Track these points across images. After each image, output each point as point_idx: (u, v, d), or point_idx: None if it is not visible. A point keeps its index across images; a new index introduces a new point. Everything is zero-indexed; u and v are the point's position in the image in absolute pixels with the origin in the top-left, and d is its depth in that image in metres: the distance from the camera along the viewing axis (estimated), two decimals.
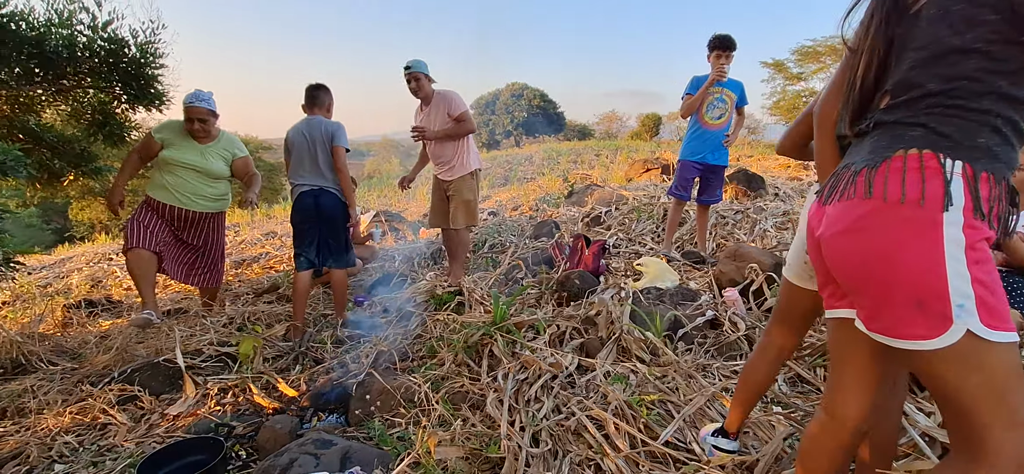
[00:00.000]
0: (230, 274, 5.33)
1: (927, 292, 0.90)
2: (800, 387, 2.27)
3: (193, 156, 3.46)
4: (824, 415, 1.23)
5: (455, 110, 3.86)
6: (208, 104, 3.45)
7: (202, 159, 3.48)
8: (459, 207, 3.95)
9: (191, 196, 3.49)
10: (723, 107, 3.88)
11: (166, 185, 3.44)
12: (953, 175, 0.90)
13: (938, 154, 0.92)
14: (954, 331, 0.89)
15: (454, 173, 3.96)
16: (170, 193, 3.44)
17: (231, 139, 3.69)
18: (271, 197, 14.42)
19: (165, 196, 3.44)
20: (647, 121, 27.55)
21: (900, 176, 0.94)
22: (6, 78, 3.91)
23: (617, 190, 7.08)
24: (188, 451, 2.03)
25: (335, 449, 1.84)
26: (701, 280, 3.56)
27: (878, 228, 0.95)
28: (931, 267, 0.89)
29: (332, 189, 3.35)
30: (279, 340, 3.21)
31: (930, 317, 0.90)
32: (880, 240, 0.94)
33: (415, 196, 11.99)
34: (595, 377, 2.28)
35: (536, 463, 1.79)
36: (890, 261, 0.93)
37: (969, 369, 0.89)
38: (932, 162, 0.92)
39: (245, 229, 8.48)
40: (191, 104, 3.38)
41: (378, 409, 2.27)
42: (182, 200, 3.47)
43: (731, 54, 3.77)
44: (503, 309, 2.77)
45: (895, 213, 0.93)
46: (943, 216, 0.89)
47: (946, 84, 0.94)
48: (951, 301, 0.88)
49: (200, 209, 3.55)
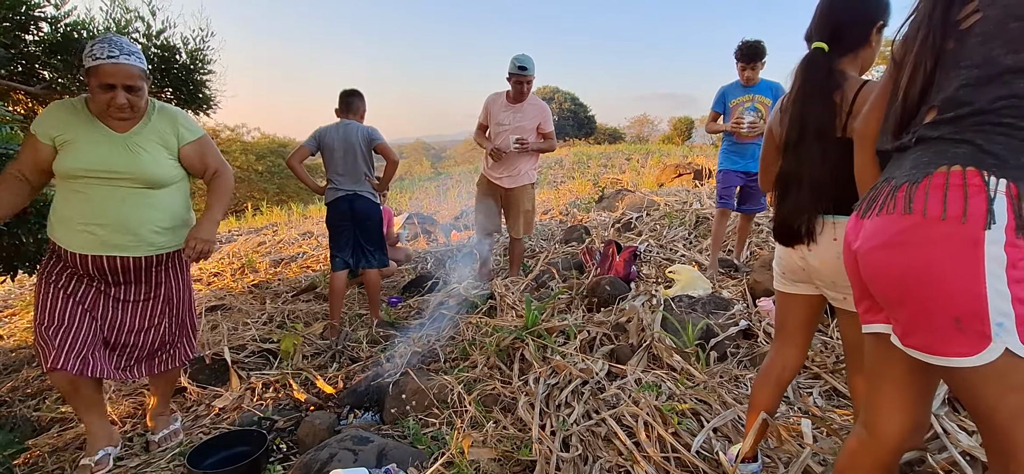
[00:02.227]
0: (270, 273, 5.52)
1: (966, 309, 0.89)
2: (836, 400, 2.23)
3: (113, 155, 1.91)
4: (863, 432, 1.21)
5: (548, 126, 3.92)
6: (138, 59, 1.91)
7: (130, 157, 1.93)
8: (520, 217, 4.04)
9: (124, 232, 1.93)
10: (756, 115, 3.70)
11: (76, 218, 1.91)
12: (997, 193, 0.89)
13: (982, 172, 0.90)
14: (992, 349, 0.88)
15: (516, 182, 3.98)
16: (86, 233, 1.91)
17: (170, 113, 2.09)
18: (307, 197, 14.81)
19: (79, 240, 1.91)
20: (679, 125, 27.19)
21: (942, 192, 0.92)
22: (67, 84, 4.16)
23: (648, 195, 7.03)
24: (234, 442, 2.14)
25: (372, 446, 1.91)
26: (734, 289, 3.52)
27: (917, 244, 0.94)
28: (971, 285, 0.88)
29: (367, 194, 3.45)
30: (317, 338, 3.32)
31: (968, 335, 0.90)
32: (919, 256, 0.94)
33: (446, 198, 12.14)
34: (626, 383, 2.29)
35: (566, 467, 1.82)
36: (928, 277, 0.93)
37: (1007, 388, 0.89)
38: (975, 179, 0.90)
39: (283, 228, 8.75)
40: (105, 60, 1.80)
41: (412, 408, 2.34)
42: (110, 241, 1.92)
43: (758, 64, 3.63)
44: (534, 314, 2.80)
45: (935, 229, 0.92)
46: (985, 234, 0.88)
47: (997, 103, 0.92)
48: (990, 319, 0.88)
49: (145, 252, 1.99)
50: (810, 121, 1.43)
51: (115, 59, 1.81)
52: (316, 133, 3.44)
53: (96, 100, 1.87)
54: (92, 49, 1.81)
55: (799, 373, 2.46)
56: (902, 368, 1.11)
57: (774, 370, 1.66)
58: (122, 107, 1.88)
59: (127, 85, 1.87)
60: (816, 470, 1.74)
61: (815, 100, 1.42)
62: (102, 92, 1.84)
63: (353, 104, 3.54)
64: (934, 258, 0.92)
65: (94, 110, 1.92)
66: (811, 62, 1.46)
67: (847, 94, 1.41)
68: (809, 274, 1.52)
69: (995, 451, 0.95)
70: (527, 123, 3.89)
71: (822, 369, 2.43)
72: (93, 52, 1.80)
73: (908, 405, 1.14)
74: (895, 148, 1.10)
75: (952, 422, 1.81)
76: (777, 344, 1.68)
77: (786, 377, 1.66)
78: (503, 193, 4.04)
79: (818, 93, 1.42)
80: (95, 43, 1.81)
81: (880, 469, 1.20)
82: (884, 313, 1.10)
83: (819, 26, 1.48)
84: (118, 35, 1.96)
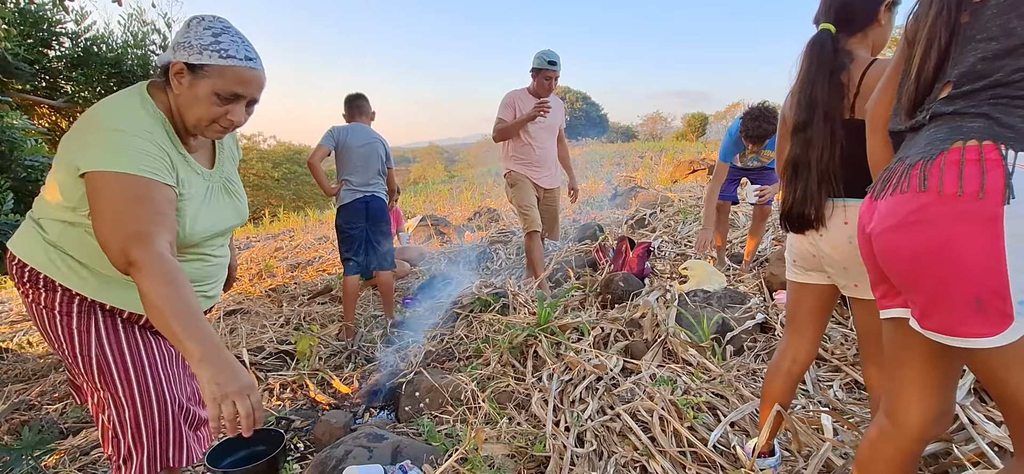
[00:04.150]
0: (287, 277, 5.59)
1: (986, 288, 0.86)
2: (857, 393, 2.19)
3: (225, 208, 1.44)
4: (885, 421, 1.18)
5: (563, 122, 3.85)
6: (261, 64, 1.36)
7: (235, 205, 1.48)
8: (556, 221, 3.98)
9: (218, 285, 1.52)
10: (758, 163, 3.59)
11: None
12: (1015, 167, 0.85)
13: (1000, 145, 0.87)
14: (1015, 329, 0.85)
15: (555, 182, 3.89)
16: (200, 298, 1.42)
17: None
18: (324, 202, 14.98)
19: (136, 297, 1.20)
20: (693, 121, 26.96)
21: (958, 168, 0.89)
22: (90, 97, 4.27)
23: (662, 192, 6.97)
24: (252, 441, 2.16)
25: (386, 443, 1.92)
26: (751, 282, 3.47)
27: (933, 222, 0.91)
28: (991, 262, 0.86)
29: (380, 195, 3.50)
30: (333, 339, 3.35)
31: (989, 314, 0.86)
32: (935, 234, 0.91)
33: (459, 200, 12.19)
34: (640, 379, 2.27)
35: (581, 463, 1.81)
36: (946, 256, 0.90)
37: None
38: (993, 153, 0.87)
39: (299, 234, 8.86)
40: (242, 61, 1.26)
41: (427, 406, 2.35)
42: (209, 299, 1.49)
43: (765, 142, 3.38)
44: (547, 311, 2.80)
45: (952, 206, 0.89)
46: (1004, 209, 0.85)
47: (1014, 74, 0.89)
48: (1012, 298, 0.85)
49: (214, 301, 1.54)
50: (817, 103, 1.40)
51: (253, 63, 1.28)
52: (333, 131, 3.44)
53: (198, 111, 1.25)
54: (218, 41, 1.23)
55: (816, 365, 2.41)
56: (923, 353, 1.08)
57: (784, 363, 1.64)
58: (230, 127, 1.33)
59: (255, 99, 1.34)
60: (837, 464, 1.71)
61: (822, 81, 1.40)
62: (219, 104, 1.26)
63: (363, 107, 3.57)
64: (951, 236, 0.89)
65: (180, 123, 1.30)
66: (818, 43, 1.43)
67: (854, 74, 1.38)
68: (820, 261, 1.49)
69: (1020, 437, 0.92)
70: (556, 120, 3.78)
71: (842, 362, 2.38)
72: (221, 46, 1.23)
73: (931, 392, 1.10)
74: (909, 127, 1.07)
75: (979, 412, 1.76)
76: (788, 336, 1.66)
77: (797, 370, 1.63)
78: (542, 193, 3.85)
79: (825, 74, 1.40)
80: (218, 32, 1.24)
81: (903, 459, 1.16)
82: (902, 297, 1.07)
83: (826, 7, 1.45)
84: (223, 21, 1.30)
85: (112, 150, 1.15)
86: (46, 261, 1.25)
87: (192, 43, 1.22)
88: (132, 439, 1.29)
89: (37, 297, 1.27)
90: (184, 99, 1.25)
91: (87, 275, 1.27)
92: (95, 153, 1.15)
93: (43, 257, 1.25)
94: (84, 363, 1.27)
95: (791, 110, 1.51)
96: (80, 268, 1.26)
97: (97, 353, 1.27)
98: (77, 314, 1.27)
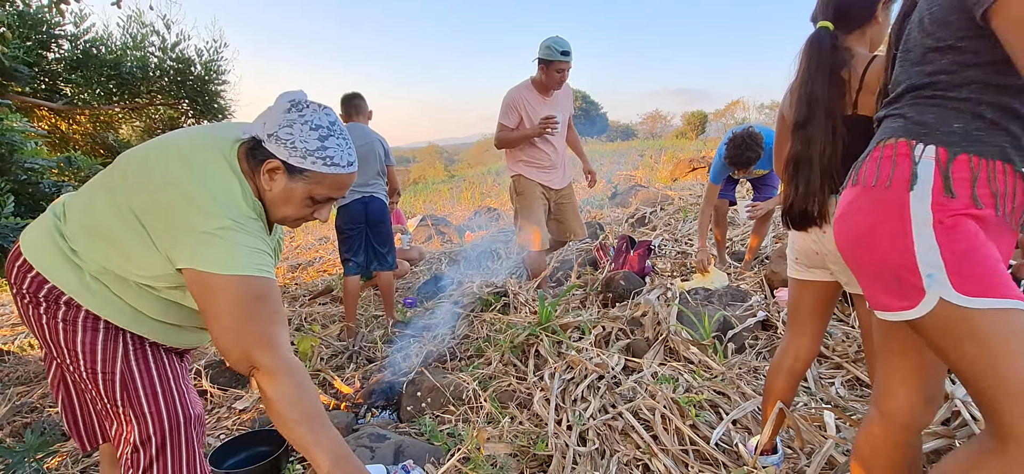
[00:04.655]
0: (287, 278, 5.59)
1: (900, 266, 0.98)
2: (859, 390, 2.19)
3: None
4: (874, 411, 1.21)
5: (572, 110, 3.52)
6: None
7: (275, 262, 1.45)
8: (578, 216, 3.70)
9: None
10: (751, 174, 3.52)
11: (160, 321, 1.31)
12: (922, 158, 0.98)
13: (911, 141, 1.00)
14: (928, 300, 0.95)
15: (567, 179, 3.62)
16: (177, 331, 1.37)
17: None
18: None
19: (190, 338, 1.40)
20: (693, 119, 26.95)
21: (876, 164, 1.04)
22: (89, 98, 4.28)
23: (662, 190, 6.98)
24: (254, 442, 2.17)
25: (389, 443, 1.93)
26: (752, 280, 3.47)
27: (859, 212, 1.05)
28: (900, 242, 0.98)
29: (379, 195, 3.47)
30: (334, 340, 3.35)
31: (905, 288, 0.98)
32: (861, 223, 1.05)
33: (459, 200, 12.19)
34: (642, 377, 2.27)
35: (583, 461, 1.81)
36: (867, 241, 1.03)
37: (958, 338, 0.94)
38: (903, 148, 1.01)
39: (300, 234, 8.86)
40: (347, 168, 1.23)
41: (428, 406, 2.35)
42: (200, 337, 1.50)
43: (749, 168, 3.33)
44: (549, 310, 2.80)
45: (870, 196, 1.03)
46: (909, 195, 0.97)
47: (925, 78, 1.01)
48: (921, 272, 0.96)
49: None
50: (818, 100, 1.41)
51: (354, 166, 1.25)
52: None
53: (287, 211, 1.23)
54: (325, 148, 1.17)
55: (818, 363, 2.41)
56: (899, 339, 1.13)
57: (786, 360, 1.64)
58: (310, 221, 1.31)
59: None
60: (839, 461, 1.71)
61: (821, 79, 1.40)
62: (319, 205, 1.25)
63: (360, 106, 3.54)
64: (873, 223, 1.02)
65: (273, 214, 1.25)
66: (816, 40, 1.43)
67: (857, 69, 1.39)
68: (823, 258, 1.49)
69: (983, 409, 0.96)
70: (566, 113, 3.51)
71: (844, 359, 2.38)
72: (327, 153, 1.17)
73: (913, 377, 1.14)
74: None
75: None
76: (789, 333, 1.66)
77: (799, 367, 1.63)
78: (553, 195, 3.58)
79: (824, 71, 1.40)
80: (325, 136, 1.18)
81: (894, 448, 1.18)
82: None
83: (824, 4, 1.46)
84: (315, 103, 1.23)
85: (225, 252, 1.08)
86: (81, 289, 1.18)
87: (296, 145, 1.15)
88: (155, 452, 1.26)
89: (53, 312, 1.19)
90: (275, 196, 1.20)
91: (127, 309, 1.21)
92: (203, 252, 1.08)
93: (77, 284, 1.18)
94: (105, 378, 1.22)
95: (791, 108, 1.52)
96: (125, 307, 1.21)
97: (123, 368, 1.22)
98: (103, 330, 1.21)
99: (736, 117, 25.66)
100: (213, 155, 1.17)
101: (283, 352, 1.11)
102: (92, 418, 1.44)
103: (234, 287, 1.08)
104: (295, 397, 1.09)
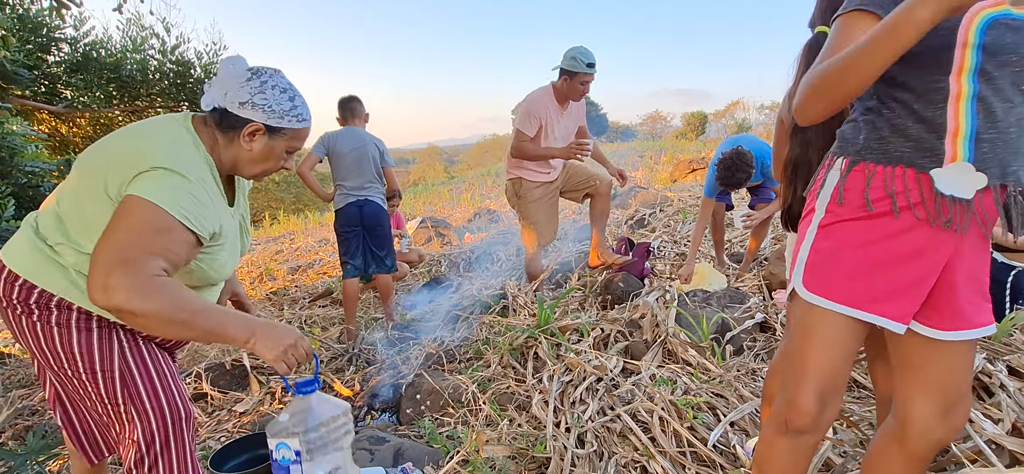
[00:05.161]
0: (287, 280, 5.60)
1: (796, 256, 1.14)
2: (856, 392, 2.20)
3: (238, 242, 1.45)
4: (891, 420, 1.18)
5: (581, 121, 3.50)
6: None
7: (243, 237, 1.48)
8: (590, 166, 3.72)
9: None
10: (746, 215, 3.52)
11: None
12: (832, 169, 1.10)
13: (834, 156, 1.12)
14: (792, 287, 1.12)
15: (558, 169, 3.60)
16: None
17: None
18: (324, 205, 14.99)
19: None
20: (693, 120, 26.97)
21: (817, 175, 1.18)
22: (89, 101, 4.29)
23: (661, 192, 6.99)
24: (255, 445, 2.17)
25: (388, 446, 1.94)
26: (750, 282, 3.48)
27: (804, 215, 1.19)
28: (801, 240, 1.13)
29: (375, 198, 3.46)
30: (334, 342, 3.36)
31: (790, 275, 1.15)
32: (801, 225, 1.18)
33: (459, 201, 12.20)
34: (640, 380, 2.28)
35: (582, 464, 1.82)
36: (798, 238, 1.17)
37: (795, 321, 1.12)
38: (828, 161, 1.13)
39: (300, 236, 8.87)
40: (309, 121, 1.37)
41: (428, 408, 2.36)
42: None
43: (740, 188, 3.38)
44: (547, 312, 2.81)
45: (807, 204, 1.18)
46: (816, 202, 1.11)
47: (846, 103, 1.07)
48: (796, 264, 1.12)
49: None
50: None
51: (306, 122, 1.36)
52: (323, 139, 3.41)
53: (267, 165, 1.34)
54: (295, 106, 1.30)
55: None
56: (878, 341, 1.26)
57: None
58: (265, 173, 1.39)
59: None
60: (836, 462, 1.72)
61: None
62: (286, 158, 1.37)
63: (356, 109, 3.54)
64: (802, 225, 1.16)
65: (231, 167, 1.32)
66: (814, 46, 1.45)
67: None
68: None
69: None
70: (580, 123, 3.51)
71: None
72: (297, 111, 1.30)
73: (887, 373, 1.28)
74: None
75: (977, 410, 1.77)
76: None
77: None
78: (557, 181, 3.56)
79: None
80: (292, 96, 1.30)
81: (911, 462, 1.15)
82: None
83: (821, 10, 1.47)
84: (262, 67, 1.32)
85: (158, 185, 1.12)
86: (68, 286, 1.20)
87: (273, 108, 1.27)
88: (160, 448, 1.27)
89: (46, 317, 1.21)
90: (253, 155, 1.30)
91: None
92: (139, 183, 1.11)
93: (64, 282, 1.20)
94: (105, 376, 1.23)
95: (789, 112, 1.53)
96: None
97: (121, 365, 1.24)
98: (97, 329, 1.23)
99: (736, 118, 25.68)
100: (166, 121, 1.27)
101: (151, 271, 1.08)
102: (94, 431, 1.45)
103: (145, 211, 1.10)
104: (176, 296, 1.09)
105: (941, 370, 1.07)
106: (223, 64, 1.29)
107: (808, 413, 1.09)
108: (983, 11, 0.83)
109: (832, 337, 1.06)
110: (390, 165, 3.55)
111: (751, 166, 3.16)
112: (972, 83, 0.90)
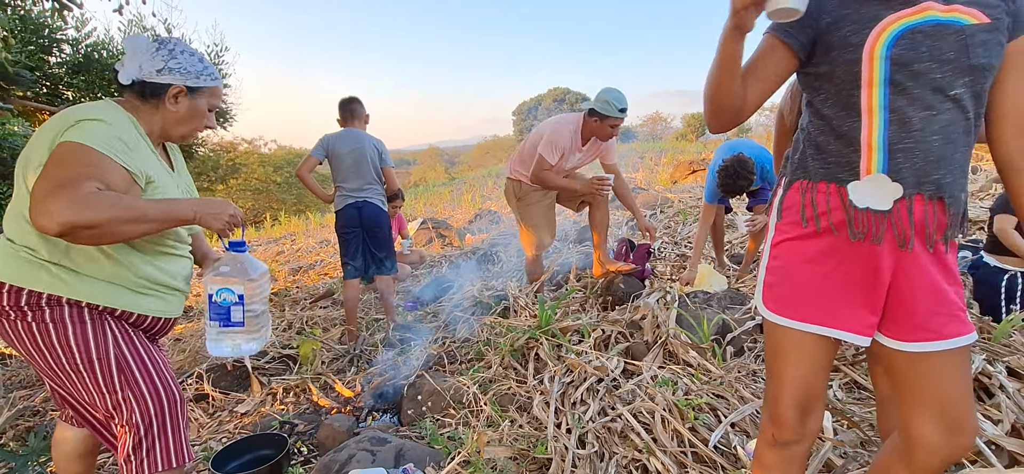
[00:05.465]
0: (289, 281, 5.60)
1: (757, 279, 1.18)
2: (856, 393, 2.20)
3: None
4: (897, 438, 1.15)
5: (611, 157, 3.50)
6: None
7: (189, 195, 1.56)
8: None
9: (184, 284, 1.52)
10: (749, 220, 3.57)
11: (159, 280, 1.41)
12: (780, 190, 1.15)
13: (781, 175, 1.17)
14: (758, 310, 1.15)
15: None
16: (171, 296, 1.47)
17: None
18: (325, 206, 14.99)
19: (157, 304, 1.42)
20: (693, 121, 26.96)
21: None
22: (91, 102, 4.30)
23: (662, 193, 6.99)
24: (256, 446, 2.18)
25: (390, 446, 1.94)
26: (751, 283, 3.49)
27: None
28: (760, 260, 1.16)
29: (375, 200, 3.45)
30: (335, 343, 3.37)
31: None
32: None
33: (460, 202, 12.21)
34: (641, 380, 2.28)
35: (582, 464, 1.82)
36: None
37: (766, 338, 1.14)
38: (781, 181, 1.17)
39: (301, 237, 8.88)
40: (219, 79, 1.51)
41: (429, 409, 2.36)
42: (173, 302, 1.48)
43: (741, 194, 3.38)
44: (548, 313, 2.81)
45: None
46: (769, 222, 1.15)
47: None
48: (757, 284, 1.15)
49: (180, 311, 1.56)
50: None
51: (217, 79, 1.49)
52: (323, 141, 3.41)
53: (193, 124, 1.44)
54: (206, 67, 1.42)
55: None
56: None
57: None
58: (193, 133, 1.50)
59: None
60: (837, 463, 1.72)
61: None
62: (208, 116, 1.49)
63: (356, 111, 3.53)
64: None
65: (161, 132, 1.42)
66: None
67: None
68: None
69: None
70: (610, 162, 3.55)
71: (841, 362, 2.39)
72: (208, 70, 1.43)
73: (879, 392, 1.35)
74: None
75: (976, 411, 1.77)
76: None
77: None
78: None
79: None
80: (201, 58, 1.43)
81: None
82: None
83: None
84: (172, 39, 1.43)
85: (88, 131, 1.20)
86: (52, 280, 1.25)
87: (189, 70, 1.39)
88: (157, 431, 1.32)
89: (40, 316, 1.25)
90: (180, 116, 1.41)
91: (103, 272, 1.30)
92: (70, 133, 1.19)
93: (47, 277, 1.25)
94: (102, 364, 1.28)
95: (789, 111, 1.53)
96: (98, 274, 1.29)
97: (116, 352, 1.30)
98: (90, 320, 1.28)
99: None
100: (95, 102, 1.35)
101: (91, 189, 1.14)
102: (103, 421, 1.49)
103: (74, 151, 1.18)
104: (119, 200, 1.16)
105: (933, 385, 1.03)
106: (127, 42, 1.39)
107: (790, 425, 1.11)
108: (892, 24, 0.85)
109: (799, 352, 1.08)
110: (389, 165, 3.53)
111: (752, 173, 3.17)
112: (883, 95, 0.91)
